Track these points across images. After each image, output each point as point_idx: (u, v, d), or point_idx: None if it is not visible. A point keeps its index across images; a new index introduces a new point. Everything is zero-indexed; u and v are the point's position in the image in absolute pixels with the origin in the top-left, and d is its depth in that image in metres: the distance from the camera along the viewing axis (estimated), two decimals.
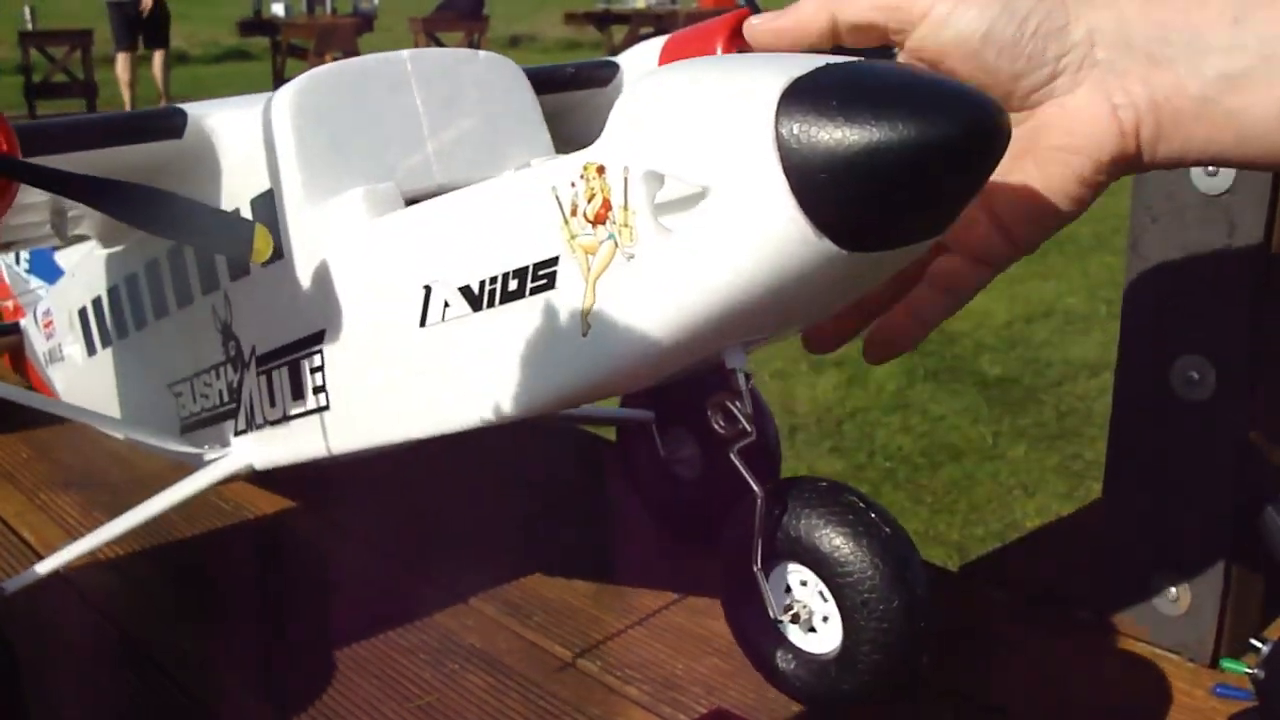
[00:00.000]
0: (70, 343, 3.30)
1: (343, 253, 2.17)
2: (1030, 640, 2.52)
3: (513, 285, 1.89)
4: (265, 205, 2.24)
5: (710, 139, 1.64)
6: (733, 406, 1.98)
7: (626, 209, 1.72)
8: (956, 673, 2.35)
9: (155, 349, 2.81)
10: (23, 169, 1.92)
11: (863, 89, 1.54)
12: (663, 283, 1.74)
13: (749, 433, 1.99)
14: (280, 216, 2.22)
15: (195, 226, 2.00)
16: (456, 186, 2.14)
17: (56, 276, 3.52)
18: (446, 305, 2.00)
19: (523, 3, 28.00)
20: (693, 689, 2.33)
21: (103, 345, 3.08)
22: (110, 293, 2.94)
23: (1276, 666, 2.09)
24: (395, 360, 2.13)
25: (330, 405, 2.28)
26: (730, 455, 2.00)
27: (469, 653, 2.48)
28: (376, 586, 2.80)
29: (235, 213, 2.28)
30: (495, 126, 2.33)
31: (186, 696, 2.37)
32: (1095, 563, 2.60)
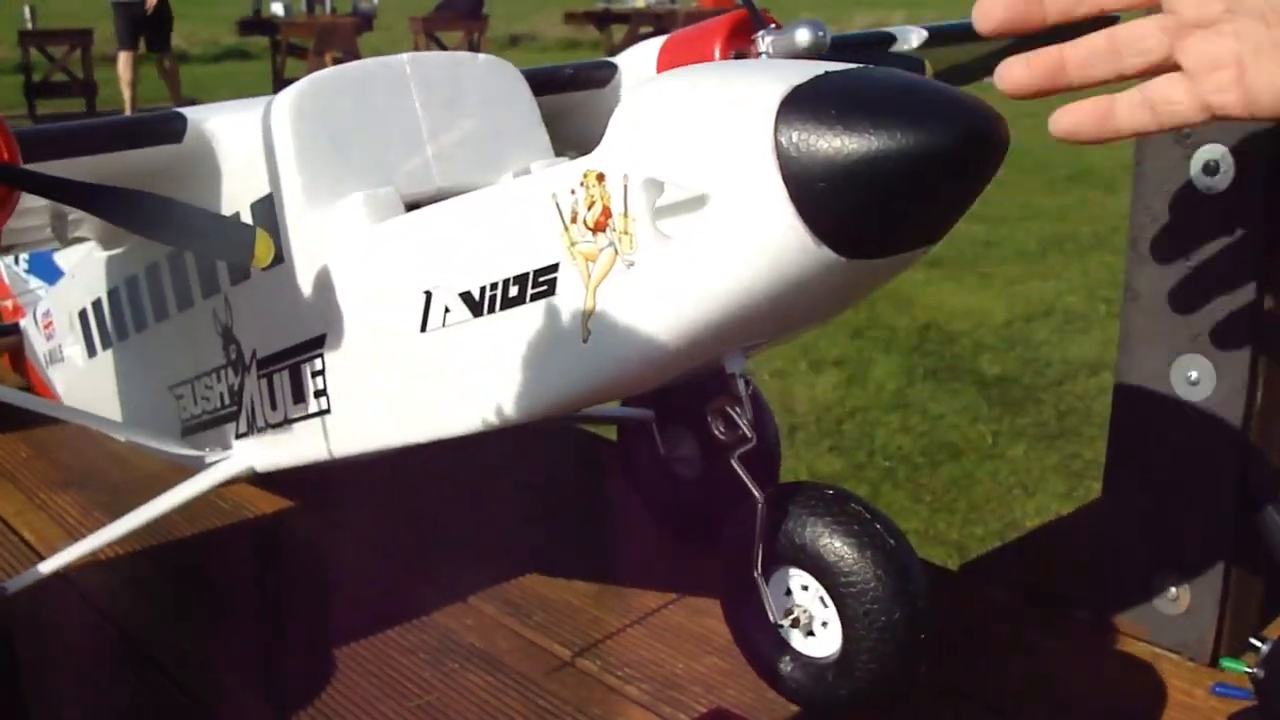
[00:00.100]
0: (70, 344, 3.30)
1: (343, 257, 2.18)
2: (1030, 640, 2.52)
3: (513, 291, 1.90)
4: (265, 209, 2.24)
5: (709, 146, 1.64)
6: (733, 412, 1.99)
7: (626, 216, 1.73)
8: (956, 673, 2.35)
9: (156, 351, 2.81)
10: (24, 177, 1.92)
11: (861, 97, 1.54)
12: (662, 289, 1.74)
13: (749, 438, 1.99)
14: (280, 221, 2.22)
15: (195, 232, 2.00)
16: (456, 190, 2.14)
17: (56, 277, 3.52)
18: (447, 311, 2.00)
19: (522, 2, 27.99)
20: (692, 688, 2.34)
21: (103, 347, 3.08)
22: (110, 295, 2.94)
23: (1276, 666, 2.10)
24: (396, 365, 2.13)
25: (331, 409, 2.28)
26: (731, 461, 2.01)
27: (468, 652, 2.49)
28: (376, 586, 2.80)
29: (235, 217, 2.29)
30: (495, 129, 2.33)
31: (186, 696, 2.37)
32: (1095, 563, 2.60)
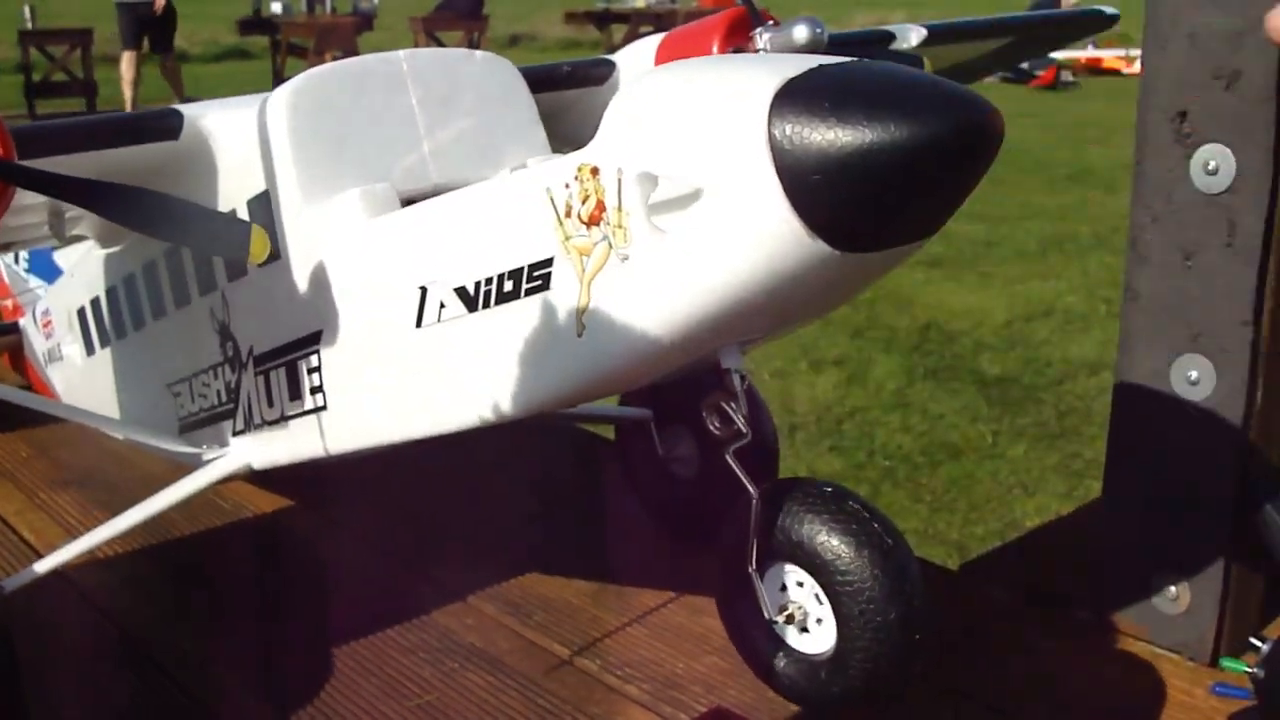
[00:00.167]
0: (69, 342, 3.30)
1: (339, 253, 2.17)
2: (1030, 640, 2.52)
3: (508, 286, 1.90)
4: (262, 206, 2.24)
5: (703, 140, 1.64)
6: (728, 407, 1.99)
7: (620, 210, 1.72)
8: (956, 673, 2.34)
9: (153, 349, 2.81)
10: (19, 173, 1.92)
11: (855, 90, 1.54)
12: (657, 283, 1.74)
13: (744, 434, 1.99)
14: (277, 217, 2.22)
15: (192, 228, 2.00)
16: (453, 186, 2.14)
17: (55, 276, 3.52)
18: (442, 306, 2.00)
19: (522, 2, 27.99)
20: (692, 687, 2.33)
21: (101, 345, 3.08)
22: (109, 293, 2.94)
23: (1276, 666, 2.09)
24: (392, 361, 2.13)
25: (328, 405, 2.28)
26: (725, 456, 2.01)
27: (468, 651, 2.48)
28: (376, 585, 2.79)
29: (232, 214, 2.29)
30: (491, 126, 2.33)
31: (186, 696, 2.37)
32: (1095, 562, 2.59)
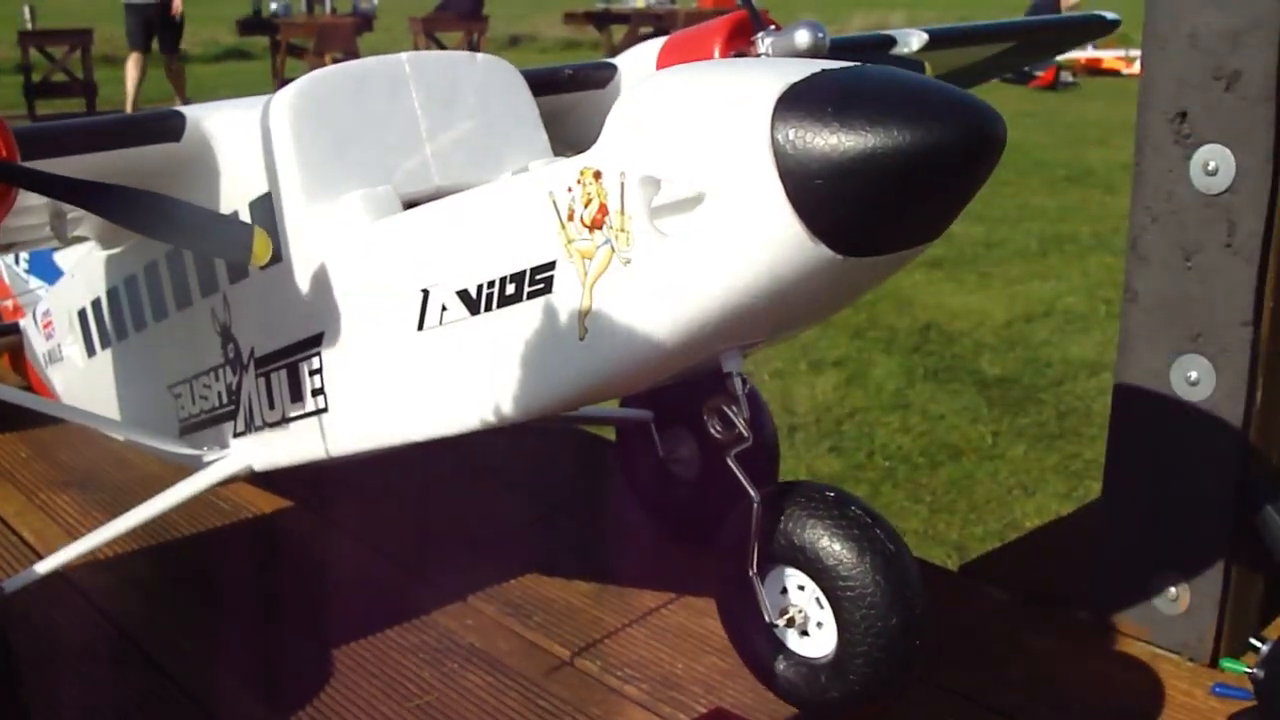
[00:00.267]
0: (70, 343, 3.30)
1: (341, 256, 2.17)
2: (1030, 640, 2.52)
3: (510, 289, 1.90)
4: (264, 208, 2.25)
5: (706, 144, 1.64)
6: (729, 411, 1.99)
7: (623, 214, 1.73)
8: (956, 673, 2.35)
9: (154, 350, 2.81)
10: (21, 174, 1.92)
11: (858, 95, 1.54)
12: (659, 287, 1.74)
13: (745, 437, 1.99)
14: (279, 219, 2.22)
15: (194, 230, 2.00)
16: (454, 189, 2.15)
17: (56, 277, 3.52)
18: (444, 309, 2.00)
19: (522, 3, 27.98)
20: (692, 688, 2.34)
21: (102, 346, 3.08)
22: (110, 294, 2.94)
23: (1276, 666, 2.10)
24: (393, 363, 2.13)
25: (329, 408, 2.28)
26: (727, 460, 2.01)
27: (468, 652, 2.49)
28: (376, 586, 2.80)
29: (234, 216, 2.29)
30: (493, 129, 2.34)
31: (186, 696, 2.37)
32: (1095, 563, 2.60)
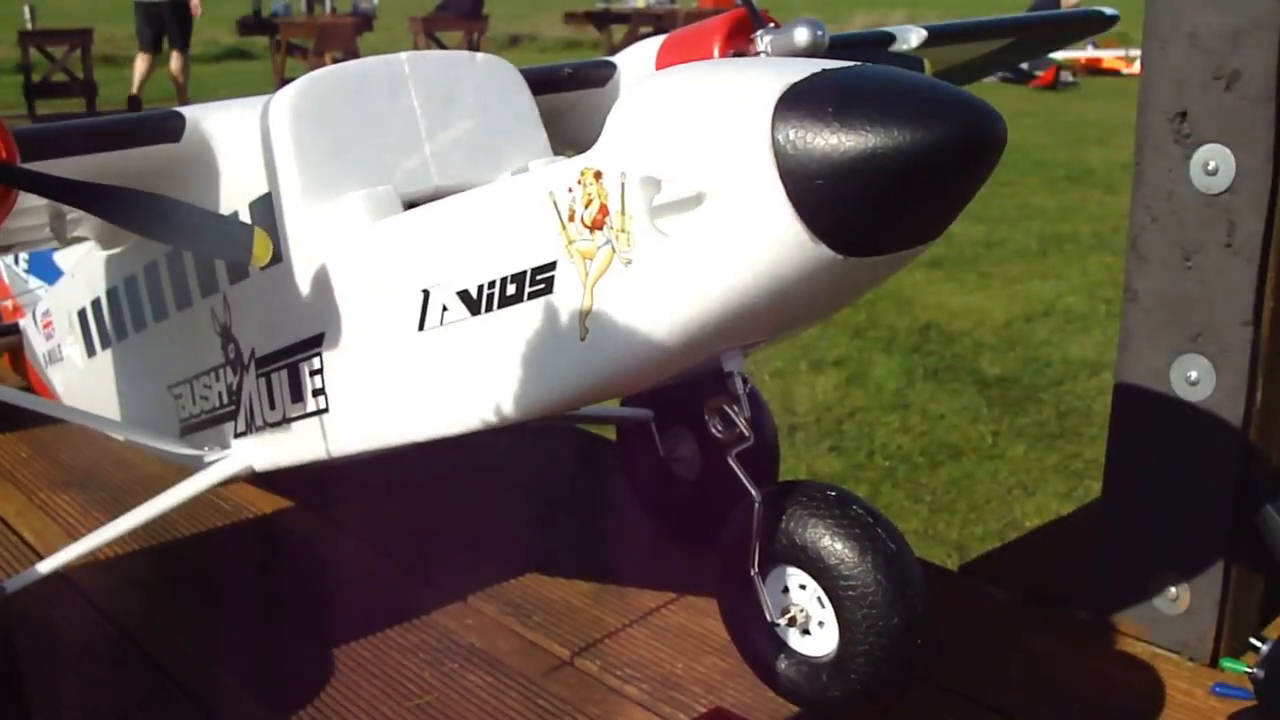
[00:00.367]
0: (70, 344, 3.30)
1: (341, 256, 2.17)
2: (1030, 640, 2.52)
3: (511, 290, 1.90)
4: (264, 208, 2.24)
5: (707, 144, 1.64)
6: (730, 410, 1.99)
7: (624, 214, 1.73)
8: (956, 673, 2.35)
9: (155, 351, 2.81)
10: (21, 176, 1.92)
11: (859, 94, 1.54)
12: (660, 287, 1.74)
13: (746, 437, 1.99)
14: (279, 220, 2.22)
15: (194, 230, 2.00)
16: (454, 189, 2.15)
17: (56, 277, 3.52)
18: (445, 309, 2.00)
19: (522, 2, 27.99)
20: (692, 688, 2.34)
21: (102, 347, 3.07)
22: (110, 294, 2.94)
23: (1276, 666, 2.10)
24: (394, 364, 2.13)
25: (329, 408, 2.28)
26: (728, 459, 2.01)
27: (468, 652, 2.49)
28: (376, 586, 2.80)
29: (234, 216, 2.29)
30: (493, 129, 2.34)
31: (186, 696, 2.37)
32: (1095, 563, 2.60)
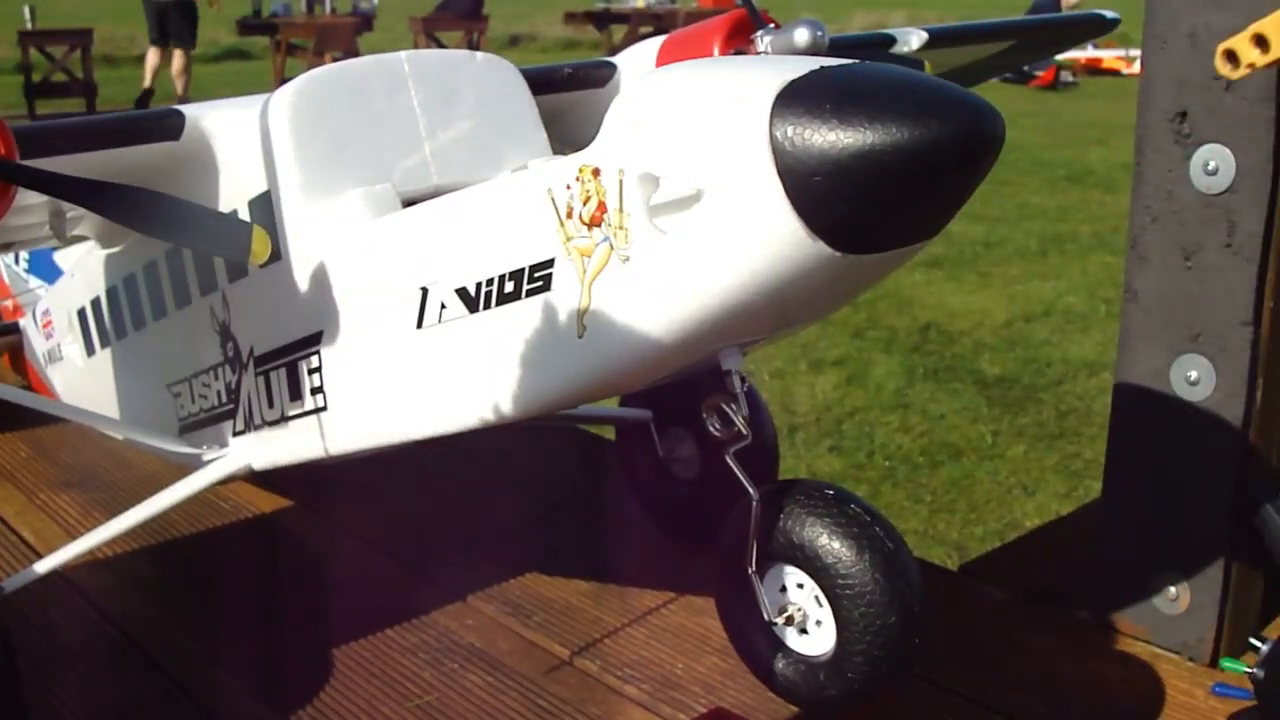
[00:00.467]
0: (69, 343, 3.30)
1: (340, 254, 2.17)
2: (1030, 640, 2.52)
3: (509, 287, 1.90)
4: (263, 207, 2.24)
5: (705, 142, 1.64)
6: (728, 409, 1.99)
7: (622, 211, 1.73)
8: (956, 673, 2.35)
9: (154, 350, 2.81)
10: (20, 172, 1.92)
11: (857, 92, 1.54)
12: (658, 285, 1.74)
13: (744, 435, 1.99)
14: (278, 218, 2.22)
15: (193, 229, 2.00)
16: (454, 188, 2.14)
17: (56, 276, 3.52)
18: (443, 307, 2.00)
19: (522, 2, 28.00)
20: (692, 688, 2.33)
21: (101, 346, 3.07)
22: (109, 293, 2.94)
23: (1276, 666, 2.10)
24: (392, 362, 2.13)
25: (328, 406, 2.28)
26: (726, 458, 2.01)
27: (468, 652, 2.48)
28: (376, 586, 2.79)
29: (233, 214, 2.29)
30: (492, 128, 2.34)
31: (186, 695, 2.37)
32: (1095, 563, 2.60)
